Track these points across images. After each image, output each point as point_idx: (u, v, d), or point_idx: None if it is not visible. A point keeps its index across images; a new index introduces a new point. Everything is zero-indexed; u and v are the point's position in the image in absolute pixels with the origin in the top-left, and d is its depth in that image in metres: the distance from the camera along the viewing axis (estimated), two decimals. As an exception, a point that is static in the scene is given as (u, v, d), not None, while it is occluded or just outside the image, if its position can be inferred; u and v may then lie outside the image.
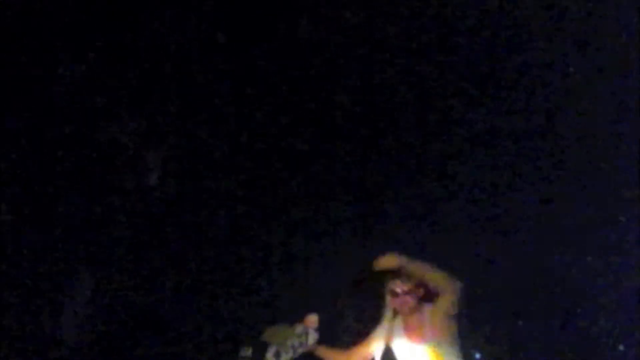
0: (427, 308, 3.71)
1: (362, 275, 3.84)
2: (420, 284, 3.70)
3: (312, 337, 3.79)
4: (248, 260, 5.35)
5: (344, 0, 5.20)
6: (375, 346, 3.79)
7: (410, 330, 3.69)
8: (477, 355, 4.93)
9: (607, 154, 5.06)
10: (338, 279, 5.26)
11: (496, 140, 5.31)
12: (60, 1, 4.93)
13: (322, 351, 3.89)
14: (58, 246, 4.94)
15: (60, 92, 5.00)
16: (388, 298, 3.74)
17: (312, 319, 3.82)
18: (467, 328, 3.77)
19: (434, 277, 3.58)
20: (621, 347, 5.04)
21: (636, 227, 4.92)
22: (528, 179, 5.27)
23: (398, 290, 3.69)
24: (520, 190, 5.26)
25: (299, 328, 3.79)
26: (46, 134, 4.97)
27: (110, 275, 5.07)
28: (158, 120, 5.21)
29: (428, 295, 3.70)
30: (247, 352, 3.77)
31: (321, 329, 3.87)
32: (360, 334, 3.87)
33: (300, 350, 3.75)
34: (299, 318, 3.84)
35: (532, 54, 5.10)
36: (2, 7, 4.73)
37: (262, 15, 5.12)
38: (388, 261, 3.62)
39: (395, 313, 3.72)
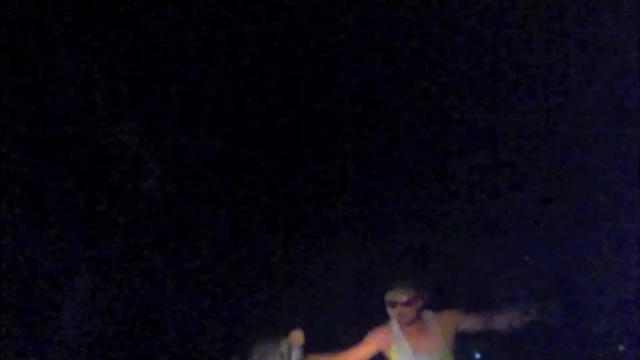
0: (429, 317, 3.70)
1: None
2: (419, 294, 3.70)
3: (296, 354, 3.71)
4: (248, 260, 5.35)
5: (344, 0, 5.20)
6: (370, 351, 3.78)
7: (413, 340, 3.67)
8: (477, 355, 4.93)
9: (607, 154, 5.05)
10: (338, 279, 5.29)
11: (496, 140, 5.31)
12: (60, 1, 4.92)
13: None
14: (58, 246, 4.93)
15: (59, 91, 4.99)
16: (387, 308, 3.73)
17: (297, 335, 3.73)
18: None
19: None
20: (621, 347, 5.04)
21: (636, 227, 4.91)
22: (528, 179, 5.27)
23: (396, 300, 3.67)
24: (520, 190, 5.26)
25: (283, 345, 3.73)
26: (46, 134, 4.97)
27: (110, 275, 5.06)
28: (158, 121, 5.21)
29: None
30: None
31: (321, 329, 3.86)
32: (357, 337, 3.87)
33: None
34: (299, 319, 3.84)
35: (532, 54, 5.10)
36: (2, 7, 4.72)
37: (262, 14, 5.11)
38: None
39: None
